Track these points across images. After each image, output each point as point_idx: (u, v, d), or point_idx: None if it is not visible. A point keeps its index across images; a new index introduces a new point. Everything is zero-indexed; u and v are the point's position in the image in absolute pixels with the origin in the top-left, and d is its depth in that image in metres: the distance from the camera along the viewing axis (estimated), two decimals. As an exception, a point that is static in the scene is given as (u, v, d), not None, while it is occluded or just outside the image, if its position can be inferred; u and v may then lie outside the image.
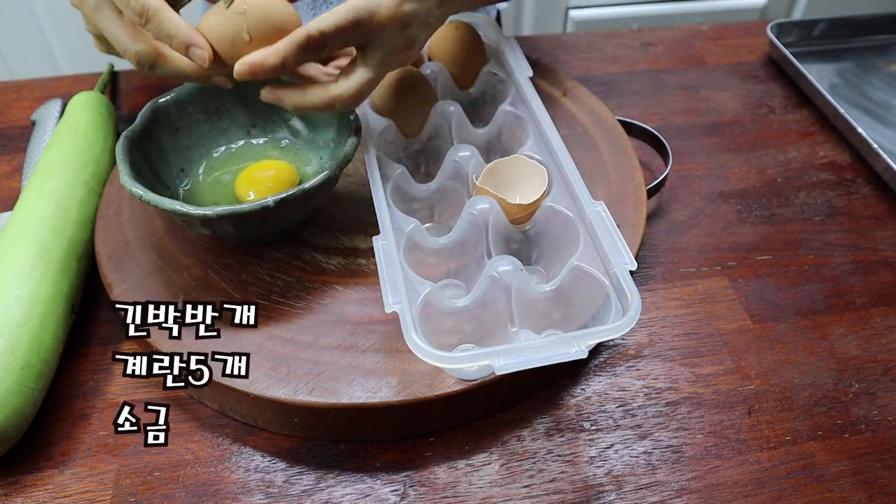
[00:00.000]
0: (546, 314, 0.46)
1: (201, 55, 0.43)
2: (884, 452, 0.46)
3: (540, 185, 0.48)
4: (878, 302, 0.55)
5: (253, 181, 0.53)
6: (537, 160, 0.51)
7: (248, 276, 0.50)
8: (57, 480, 0.44)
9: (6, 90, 0.73)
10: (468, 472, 0.44)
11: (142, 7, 0.41)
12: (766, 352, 0.51)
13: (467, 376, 0.43)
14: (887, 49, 0.81)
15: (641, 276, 0.56)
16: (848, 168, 0.66)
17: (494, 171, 0.49)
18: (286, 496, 0.43)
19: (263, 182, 0.53)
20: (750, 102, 0.73)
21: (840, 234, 0.60)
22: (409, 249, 0.46)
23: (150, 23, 0.42)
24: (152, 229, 0.53)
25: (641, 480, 0.44)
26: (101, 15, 0.43)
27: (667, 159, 0.61)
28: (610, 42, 0.81)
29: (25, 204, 0.51)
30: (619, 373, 0.50)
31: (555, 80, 0.67)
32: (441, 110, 0.55)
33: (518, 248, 0.51)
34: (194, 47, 0.43)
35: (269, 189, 0.52)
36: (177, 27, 0.42)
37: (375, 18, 0.44)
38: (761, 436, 0.46)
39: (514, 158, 0.50)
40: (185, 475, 0.44)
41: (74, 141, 0.57)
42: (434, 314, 0.44)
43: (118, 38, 0.43)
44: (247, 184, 0.53)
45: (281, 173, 0.54)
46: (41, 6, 1.30)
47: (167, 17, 0.42)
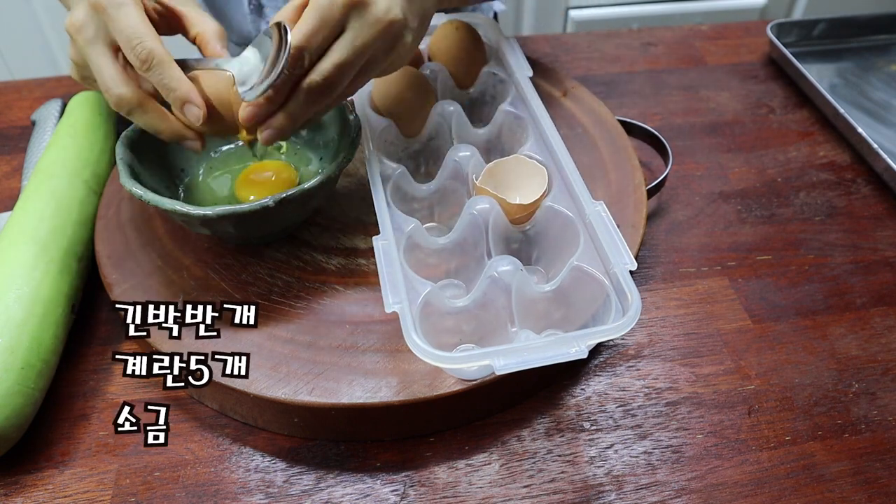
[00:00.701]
0: (546, 314, 0.46)
1: (196, 114, 0.43)
2: (884, 452, 0.46)
3: (540, 185, 0.48)
4: (878, 302, 0.55)
5: (253, 182, 0.53)
6: (537, 160, 0.51)
7: (248, 276, 0.50)
8: (57, 480, 0.44)
9: (6, 90, 0.73)
10: (468, 472, 0.44)
11: (148, 55, 0.41)
12: (766, 352, 0.51)
13: (467, 376, 0.43)
14: (887, 49, 0.81)
15: (641, 276, 0.56)
16: (848, 168, 0.66)
17: (494, 171, 0.49)
18: (286, 496, 0.43)
19: (263, 182, 0.53)
20: (750, 102, 0.73)
21: (840, 234, 0.60)
22: (409, 249, 0.46)
23: (152, 71, 0.41)
24: (152, 229, 0.53)
25: (641, 480, 0.44)
26: (94, 49, 0.42)
27: (667, 159, 0.61)
28: (610, 42, 0.81)
29: (25, 204, 0.51)
30: (619, 373, 0.50)
31: (555, 80, 0.67)
32: (441, 110, 0.55)
33: (518, 248, 0.51)
34: (190, 104, 0.42)
35: (268, 189, 0.52)
36: (179, 82, 0.42)
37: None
38: (761, 436, 0.46)
39: (514, 158, 0.50)
40: (185, 475, 0.44)
41: (74, 141, 0.57)
42: (434, 314, 0.44)
43: (105, 76, 0.42)
44: (247, 184, 0.53)
45: (281, 173, 0.54)
46: (41, 6, 1.30)
47: (169, 69, 0.42)
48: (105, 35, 0.42)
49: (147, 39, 0.41)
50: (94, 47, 0.42)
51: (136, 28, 0.41)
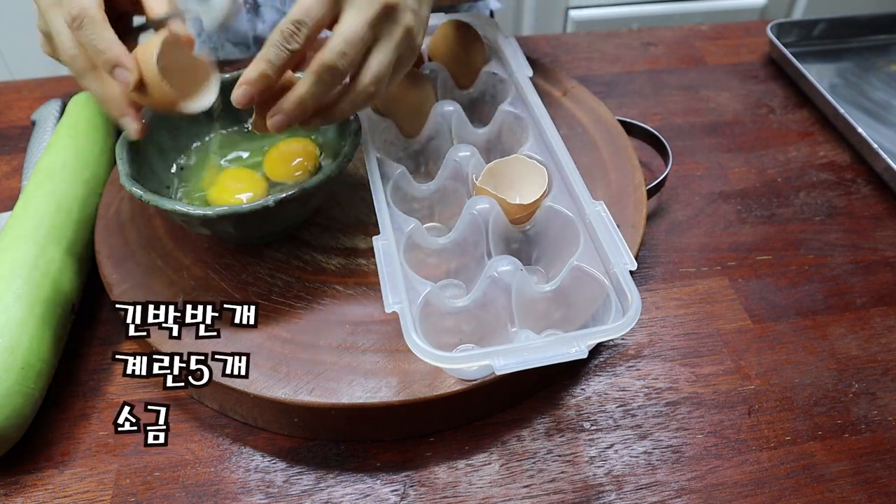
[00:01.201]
0: (546, 314, 0.46)
1: (126, 77, 0.40)
2: (884, 452, 0.46)
3: (540, 185, 0.48)
4: (878, 302, 0.55)
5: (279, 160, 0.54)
6: (537, 160, 0.51)
7: (248, 276, 0.50)
8: (57, 480, 0.44)
9: (6, 90, 0.73)
10: (468, 472, 0.44)
11: (78, 11, 0.39)
12: (766, 352, 0.51)
13: (467, 376, 0.43)
14: (887, 49, 0.81)
15: (641, 276, 0.56)
16: (848, 168, 0.66)
17: (494, 170, 0.49)
18: (286, 496, 0.43)
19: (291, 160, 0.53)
20: (750, 102, 0.73)
21: (840, 234, 0.60)
22: (409, 249, 0.46)
23: (82, 30, 0.39)
24: (152, 229, 0.53)
25: (641, 480, 0.44)
26: (53, 13, 0.41)
27: (667, 159, 0.61)
28: (610, 42, 0.81)
29: (25, 204, 0.51)
30: (619, 373, 0.50)
31: (555, 80, 0.67)
32: (441, 110, 0.55)
33: (518, 248, 0.51)
34: (120, 68, 0.40)
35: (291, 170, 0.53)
36: (109, 42, 0.40)
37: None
38: (761, 436, 0.46)
39: (514, 158, 0.50)
40: (185, 475, 0.44)
41: (74, 141, 0.57)
42: (434, 314, 0.44)
43: (60, 38, 0.41)
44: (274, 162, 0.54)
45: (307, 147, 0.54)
46: (41, 6, 1.30)
47: (101, 30, 0.40)
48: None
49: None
50: (53, 11, 0.41)
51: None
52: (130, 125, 0.44)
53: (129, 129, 0.44)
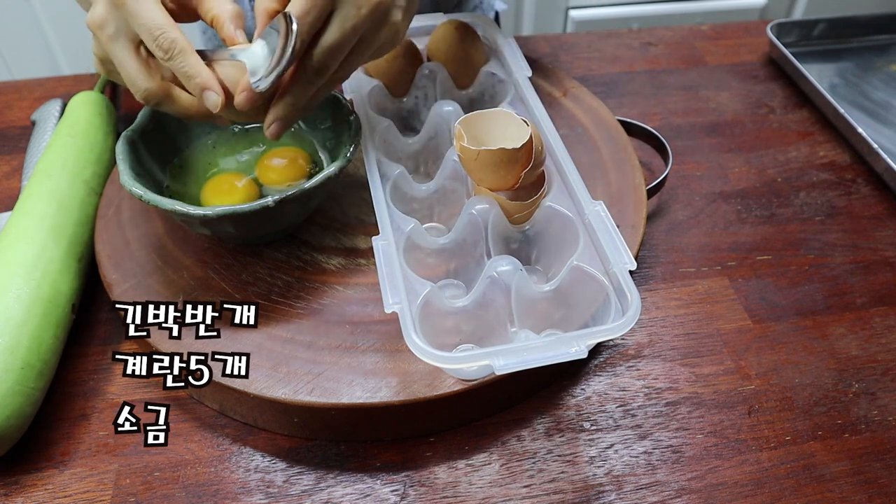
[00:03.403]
0: (546, 314, 0.46)
1: (214, 101, 0.43)
2: (884, 452, 0.46)
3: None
4: (878, 302, 0.55)
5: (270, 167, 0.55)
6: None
7: (248, 276, 0.50)
8: (57, 480, 0.44)
9: (6, 90, 0.73)
10: (468, 472, 0.44)
11: (171, 44, 0.42)
12: (766, 352, 0.51)
13: (467, 376, 0.43)
14: (887, 49, 0.81)
15: (641, 276, 0.56)
16: (848, 168, 0.66)
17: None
18: (286, 496, 0.43)
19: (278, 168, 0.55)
20: (750, 102, 0.73)
21: (840, 234, 0.60)
22: (408, 249, 0.46)
23: (174, 60, 0.42)
24: (152, 229, 0.53)
25: (641, 480, 0.44)
26: (117, 45, 0.43)
27: (667, 159, 0.61)
28: (610, 42, 0.81)
29: (25, 204, 0.51)
30: (619, 373, 0.50)
31: (555, 80, 0.67)
32: (440, 110, 0.55)
33: (518, 248, 0.50)
34: (209, 91, 0.43)
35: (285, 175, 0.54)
36: (199, 69, 0.43)
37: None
38: (761, 436, 0.46)
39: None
40: (185, 475, 0.44)
41: (74, 141, 0.57)
42: (434, 314, 0.44)
43: (130, 71, 0.43)
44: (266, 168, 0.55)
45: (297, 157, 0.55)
46: (41, 6, 1.30)
47: (189, 57, 0.42)
48: (127, 30, 0.42)
49: (168, 30, 0.42)
50: (116, 43, 0.43)
51: (156, 20, 0.42)
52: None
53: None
